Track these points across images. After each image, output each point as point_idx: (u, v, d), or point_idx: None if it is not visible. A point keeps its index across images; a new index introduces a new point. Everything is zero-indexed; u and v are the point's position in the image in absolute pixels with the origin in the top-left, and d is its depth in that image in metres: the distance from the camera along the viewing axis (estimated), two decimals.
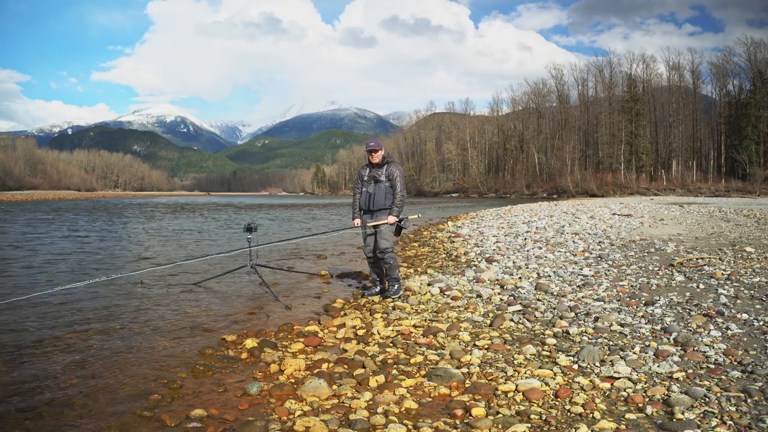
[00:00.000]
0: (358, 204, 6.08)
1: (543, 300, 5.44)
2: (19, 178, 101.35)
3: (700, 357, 3.56)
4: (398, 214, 5.89)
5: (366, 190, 5.98)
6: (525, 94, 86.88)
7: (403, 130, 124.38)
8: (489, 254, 8.82)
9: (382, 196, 5.89)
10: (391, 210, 5.87)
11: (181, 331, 4.74)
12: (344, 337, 4.53)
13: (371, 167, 6.00)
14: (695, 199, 38.26)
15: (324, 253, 10.39)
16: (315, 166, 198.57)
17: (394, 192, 5.87)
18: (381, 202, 5.89)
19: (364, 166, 6.12)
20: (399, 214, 5.90)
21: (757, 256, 7.16)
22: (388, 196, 5.90)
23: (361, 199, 6.04)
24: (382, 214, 5.91)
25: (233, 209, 34.47)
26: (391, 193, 5.90)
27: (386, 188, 5.89)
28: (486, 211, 25.79)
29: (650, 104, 70.05)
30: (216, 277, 7.22)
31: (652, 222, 13.36)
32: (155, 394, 3.28)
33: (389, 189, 5.90)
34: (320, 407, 3.10)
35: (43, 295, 5.90)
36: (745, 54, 61.27)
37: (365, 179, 6.01)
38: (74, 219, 21.71)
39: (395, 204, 5.86)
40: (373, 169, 5.96)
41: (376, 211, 5.94)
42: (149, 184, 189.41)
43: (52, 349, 4.18)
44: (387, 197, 5.89)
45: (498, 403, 3.10)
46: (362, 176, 6.06)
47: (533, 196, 68.32)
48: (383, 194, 5.89)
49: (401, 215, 5.94)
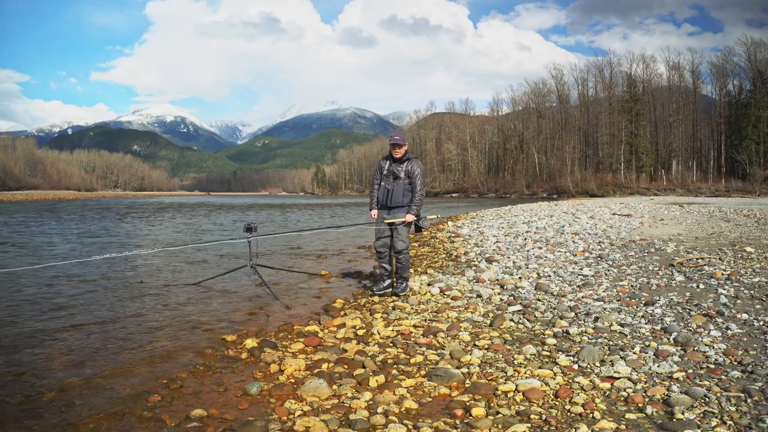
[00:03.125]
0: (376, 198, 5.99)
1: (543, 300, 5.44)
2: (19, 178, 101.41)
3: (700, 357, 3.56)
4: (417, 213, 5.81)
5: (384, 185, 5.88)
6: (525, 94, 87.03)
7: (403, 130, 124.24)
8: (489, 254, 8.82)
9: (400, 193, 5.79)
10: (409, 208, 5.79)
11: (181, 331, 4.74)
12: (344, 337, 4.53)
13: (392, 161, 5.88)
14: (695, 199, 38.26)
15: (324, 253, 10.39)
16: (315, 166, 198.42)
17: (414, 190, 5.78)
18: (399, 200, 5.81)
19: (385, 158, 5.99)
20: (418, 213, 5.82)
21: (757, 256, 7.16)
22: (406, 193, 5.80)
23: (379, 193, 5.95)
24: (399, 211, 5.82)
25: (239, 210, 34.45)
26: (409, 191, 5.80)
27: (405, 185, 5.80)
28: (486, 211, 25.78)
29: (650, 104, 70.02)
30: (216, 277, 7.23)
31: (652, 222, 13.36)
32: (155, 394, 3.28)
33: (408, 186, 5.80)
34: (320, 407, 3.10)
35: (43, 294, 5.91)
36: (745, 54, 61.39)
37: (384, 173, 5.90)
38: (82, 217, 21.72)
39: (414, 203, 5.76)
40: (394, 164, 5.85)
41: (393, 208, 5.85)
42: (149, 184, 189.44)
43: (52, 348, 4.18)
44: (405, 194, 5.80)
45: (498, 403, 3.10)
46: (382, 168, 5.94)
47: (533, 196, 68.30)
48: (401, 191, 5.79)
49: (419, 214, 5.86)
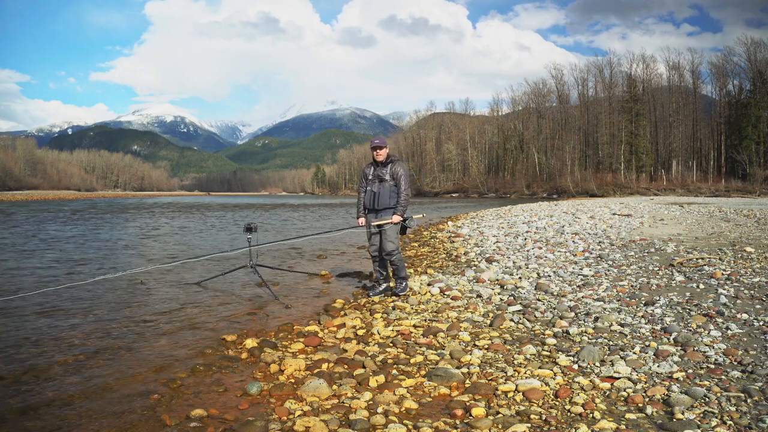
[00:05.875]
0: (363, 203, 6.05)
1: (543, 300, 5.44)
2: (19, 178, 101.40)
3: (700, 357, 3.56)
4: (403, 213, 5.86)
5: (370, 189, 5.94)
6: (525, 94, 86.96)
7: (403, 130, 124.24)
8: (489, 254, 8.82)
9: (386, 195, 5.84)
10: (395, 209, 5.84)
11: (181, 331, 4.74)
12: (344, 337, 4.53)
13: (376, 166, 5.96)
14: (695, 199, 38.25)
15: (324, 253, 10.39)
16: (315, 166, 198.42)
17: (399, 191, 5.84)
18: (385, 202, 5.85)
19: (369, 164, 6.08)
20: (404, 213, 5.87)
21: (757, 256, 7.16)
22: (392, 195, 5.85)
23: (365, 198, 6.00)
24: (386, 213, 5.88)
25: (238, 210, 34.44)
26: (395, 192, 5.86)
27: (390, 187, 5.85)
28: (486, 211, 25.79)
29: (650, 104, 69.99)
30: (216, 277, 7.22)
31: (652, 222, 13.36)
32: (155, 394, 3.28)
33: (394, 188, 5.86)
34: (320, 407, 3.10)
35: (43, 294, 5.90)
36: (745, 54, 61.34)
37: (370, 178, 5.98)
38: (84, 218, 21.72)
39: (400, 203, 5.82)
40: (378, 168, 5.92)
41: (380, 210, 5.90)
42: (149, 184, 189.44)
43: (52, 348, 4.18)
44: (391, 196, 5.85)
45: (498, 403, 3.10)
46: (366, 175, 6.03)
47: (533, 196, 68.27)
48: (388, 193, 5.84)
49: (406, 214, 5.92)
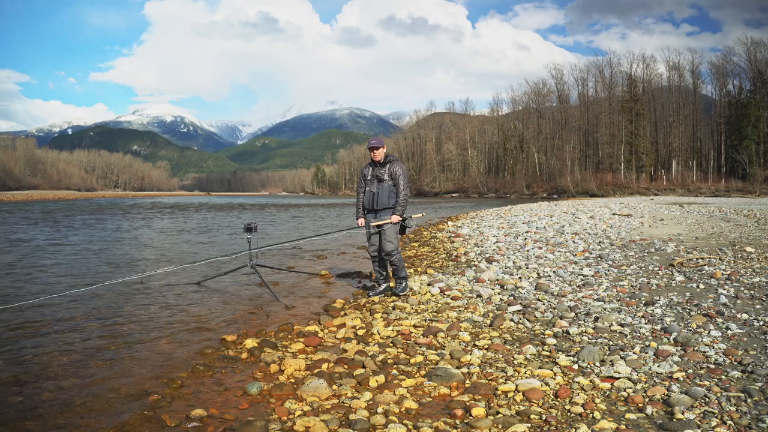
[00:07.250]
0: (362, 203, 6.06)
1: (543, 300, 5.44)
2: (19, 178, 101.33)
3: (700, 357, 3.56)
4: (402, 213, 5.87)
5: (369, 189, 5.95)
6: (525, 94, 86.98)
7: (402, 130, 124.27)
8: (489, 254, 8.82)
9: (385, 195, 5.86)
10: (394, 209, 5.85)
11: (181, 331, 4.74)
12: (344, 337, 4.53)
13: (374, 166, 5.98)
14: (695, 199, 38.24)
15: (324, 253, 10.39)
16: (315, 166, 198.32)
17: (398, 191, 5.85)
18: (384, 202, 5.86)
19: (367, 165, 6.10)
20: (403, 213, 5.89)
21: (757, 256, 7.16)
22: (391, 195, 5.87)
23: (364, 198, 6.02)
24: (385, 213, 5.89)
25: (239, 210, 34.44)
26: (394, 192, 5.87)
27: (389, 187, 5.87)
28: (486, 211, 25.79)
29: (650, 104, 70.00)
30: (216, 277, 7.22)
31: (652, 222, 13.36)
32: (155, 394, 3.29)
33: (392, 188, 5.87)
34: (320, 407, 3.10)
35: (43, 295, 5.90)
36: (745, 54, 61.32)
37: (368, 178, 5.99)
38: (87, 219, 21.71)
39: (398, 203, 5.83)
40: (376, 168, 5.94)
41: (379, 210, 5.91)
42: (149, 184, 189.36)
43: (52, 349, 4.18)
44: (390, 196, 5.86)
45: (498, 403, 3.10)
46: (365, 176, 6.04)
47: (533, 196, 68.27)
48: (386, 193, 5.86)
49: (405, 214, 5.93)
